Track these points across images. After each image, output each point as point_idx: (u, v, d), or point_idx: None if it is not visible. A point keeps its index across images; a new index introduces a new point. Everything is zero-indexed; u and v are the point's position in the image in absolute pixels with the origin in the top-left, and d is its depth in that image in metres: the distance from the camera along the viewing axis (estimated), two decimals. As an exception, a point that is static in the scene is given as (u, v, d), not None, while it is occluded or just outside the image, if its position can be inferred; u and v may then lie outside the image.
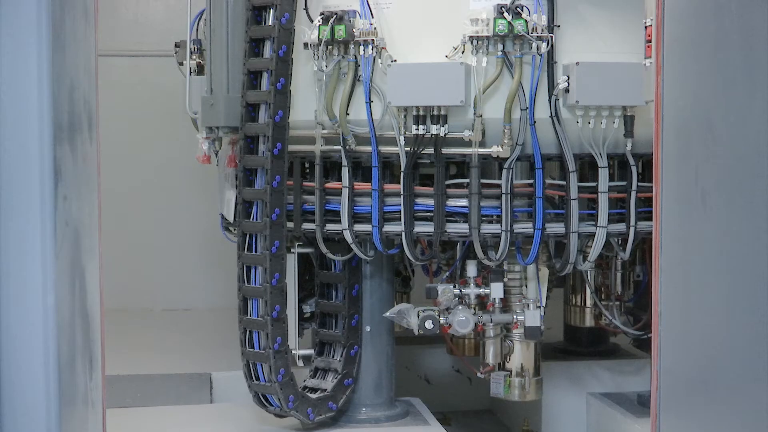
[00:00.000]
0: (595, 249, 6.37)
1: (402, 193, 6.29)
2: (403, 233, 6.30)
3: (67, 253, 3.42)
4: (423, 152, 6.24)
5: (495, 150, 6.13)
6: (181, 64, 7.27)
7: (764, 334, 3.23)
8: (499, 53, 6.09)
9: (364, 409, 6.90)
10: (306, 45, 6.36)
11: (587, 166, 6.53)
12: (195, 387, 7.60)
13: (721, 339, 3.54)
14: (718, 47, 3.45)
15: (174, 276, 10.48)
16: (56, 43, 3.26)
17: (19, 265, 3.22)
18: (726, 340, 3.51)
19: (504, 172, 6.21)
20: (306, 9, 6.43)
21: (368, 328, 6.88)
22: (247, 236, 6.35)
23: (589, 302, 7.72)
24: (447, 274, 6.78)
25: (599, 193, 6.29)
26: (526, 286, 6.68)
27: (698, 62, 3.62)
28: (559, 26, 6.19)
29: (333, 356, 6.86)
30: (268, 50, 6.31)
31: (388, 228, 6.38)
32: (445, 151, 6.23)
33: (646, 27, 5.72)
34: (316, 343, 6.93)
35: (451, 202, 6.32)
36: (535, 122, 6.14)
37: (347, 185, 6.40)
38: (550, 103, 6.17)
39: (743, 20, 3.29)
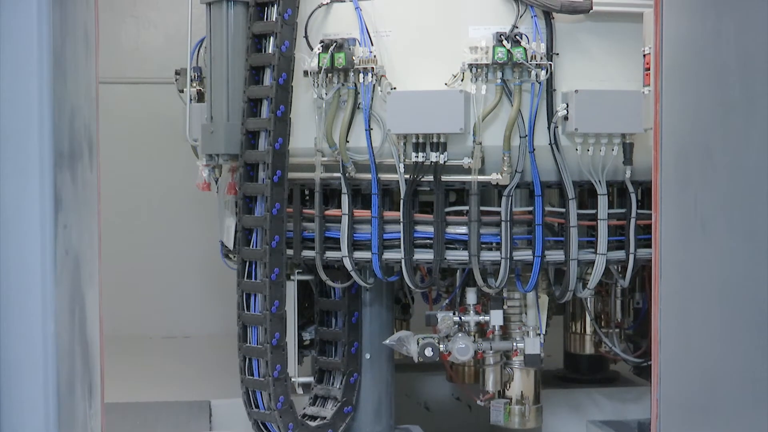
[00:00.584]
0: (595, 276, 6.37)
1: (402, 220, 6.30)
2: (403, 260, 6.31)
3: (67, 282, 3.42)
4: (422, 179, 6.25)
5: (494, 177, 6.14)
6: (182, 91, 7.29)
7: (764, 361, 3.23)
8: (499, 81, 6.11)
9: (363, 437, 6.90)
10: (306, 73, 6.38)
11: (586, 194, 6.54)
12: (194, 414, 7.58)
13: (721, 366, 3.54)
14: (717, 75, 3.46)
15: (173, 303, 10.48)
16: (57, 70, 3.27)
17: (19, 293, 3.22)
18: (726, 367, 3.51)
19: (503, 199, 6.22)
20: (306, 37, 6.45)
21: (368, 356, 6.87)
22: (247, 263, 6.35)
23: (588, 329, 7.71)
24: (447, 301, 6.78)
25: (599, 221, 6.30)
26: (526, 314, 6.67)
27: (697, 90, 3.64)
28: (558, 54, 6.22)
29: (333, 384, 6.85)
30: (268, 78, 6.33)
31: (388, 255, 6.39)
32: (444, 178, 6.24)
33: (644, 55, 5.75)
34: (315, 370, 6.92)
35: (450, 230, 6.33)
36: (534, 149, 6.15)
37: (347, 212, 6.40)
38: (549, 130, 6.18)
39: (741, 48, 3.30)
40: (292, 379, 6.61)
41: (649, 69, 5.70)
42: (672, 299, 3.92)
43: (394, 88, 6.23)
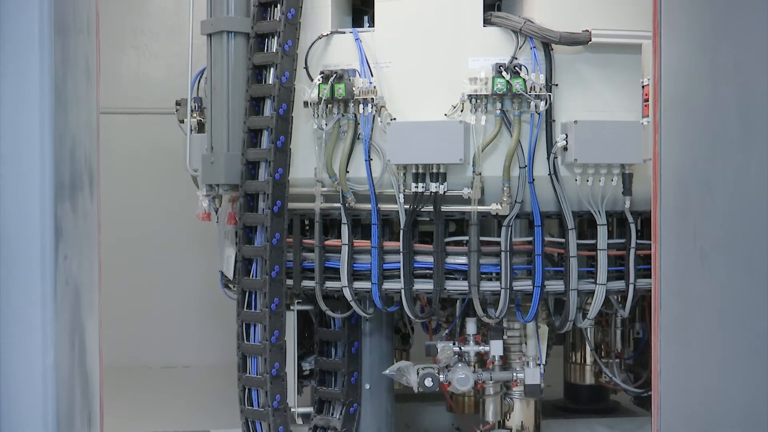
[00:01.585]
0: (595, 306, 6.37)
1: (401, 250, 6.30)
2: (403, 290, 6.31)
3: (67, 312, 3.43)
4: (422, 210, 6.26)
5: (494, 207, 6.15)
6: (182, 121, 7.31)
7: (764, 391, 3.22)
8: (498, 112, 6.13)
9: (363, 468, 6.88)
10: (306, 103, 6.41)
11: (586, 224, 6.54)
12: (194, 445, 7.57)
13: (721, 397, 3.54)
14: (715, 107, 3.47)
15: (173, 333, 10.46)
16: (58, 102, 3.29)
17: (19, 324, 3.22)
18: (726, 397, 3.51)
19: (503, 229, 6.23)
20: (306, 68, 6.48)
21: (368, 386, 6.85)
22: (247, 293, 6.36)
23: (589, 359, 7.69)
24: (446, 331, 6.77)
25: (598, 251, 6.30)
26: (526, 344, 6.66)
27: (695, 122, 3.65)
28: (557, 85, 6.24)
29: (332, 414, 6.83)
30: (268, 108, 6.36)
31: (388, 285, 6.39)
32: (444, 208, 6.25)
33: (643, 86, 5.78)
34: (315, 400, 6.91)
35: (450, 260, 6.33)
36: (533, 180, 6.17)
37: (347, 242, 6.41)
38: (548, 161, 6.20)
39: (739, 80, 3.32)
40: (292, 410, 6.60)
41: (648, 100, 5.73)
42: (672, 329, 3.92)
43: (394, 119, 6.25)
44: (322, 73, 6.35)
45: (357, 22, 6.76)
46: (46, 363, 3.24)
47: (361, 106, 6.27)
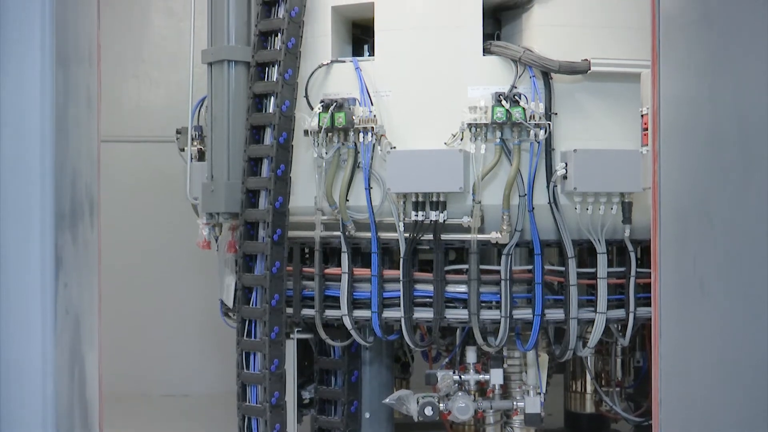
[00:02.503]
0: (595, 335, 6.36)
1: (401, 278, 6.30)
2: (403, 319, 6.30)
3: (66, 341, 3.43)
4: (422, 238, 6.27)
5: (494, 236, 6.16)
6: (183, 150, 7.32)
7: (764, 419, 3.22)
8: (498, 140, 6.15)
9: (363, 497, 6.85)
10: (306, 132, 6.42)
11: (586, 252, 6.55)
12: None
13: (722, 425, 3.53)
14: (714, 136, 3.48)
15: (173, 361, 10.44)
16: (59, 131, 3.30)
17: (19, 352, 3.22)
18: (726, 426, 3.50)
19: (503, 258, 6.23)
20: (306, 97, 6.50)
21: (367, 415, 6.84)
22: (247, 322, 6.35)
23: (589, 388, 7.67)
24: (447, 360, 6.76)
25: (598, 279, 6.30)
26: (526, 373, 6.65)
27: (694, 151, 3.66)
28: (556, 114, 6.26)
29: (332, 443, 6.81)
30: (268, 137, 6.37)
31: (388, 314, 6.38)
32: (444, 237, 6.26)
33: (642, 115, 5.79)
34: (315, 429, 6.89)
35: (450, 288, 6.33)
36: (533, 208, 6.18)
37: (347, 271, 6.41)
38: (548, 189, 6.21)
39: (738, 109, 3.33)
40: (292, 439, 6.57)
41: (647, 129, 5.74)
42: (672, 358, 3.92)
43: (394, 148, 6.26)
44: (322, 101, 6.37)
45: (357, 51, 6.79)
46: (45, 393, 3.24)
47: (361, 134, 6.29)
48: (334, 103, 6.29)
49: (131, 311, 10.18)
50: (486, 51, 6.32)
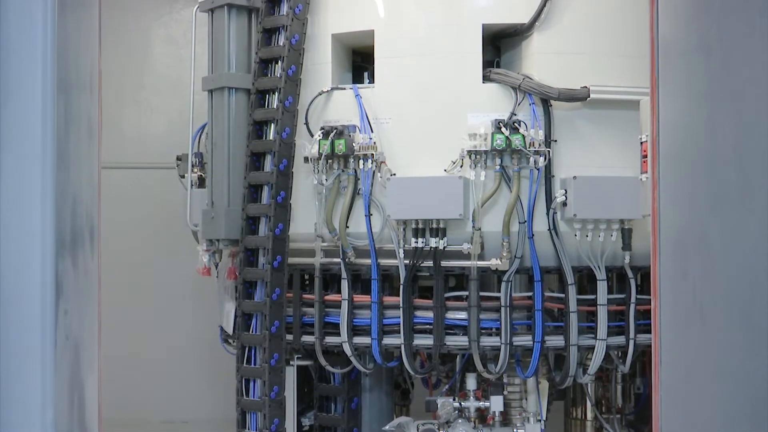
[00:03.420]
0: (595, 361, 6.36)
1: (401, 305, 6.30)
2: (403, 346, 6.30)
3: (66, 368, 3.42)
4: (422, 265, 6.27)
5: (494, 263, 6.16)
6: (183, 176, 7.33)
7: (765, 448, 3.21)
8: (497, 167, 6.16)
9: None
10: (306, 159, 6.44)
11: (586, 279, 6.54)
12: (192, 502, 7.51)
13: (723, 454, 3.52)
14: (713, 163, 3.49)
15: (172, 388, 10.41)
16: (60, 159, 3.30)
17: (18, 379, 3.21)
18: (727, 455, 3.49)
19: (503, 284, 6.23)
20: (306, 123, 6.52)
21: (367, 442, 6.82)
22: (246, 348, 6.35)
23: (589, 415, 7.64)
24: (447, 386, 6.75)
25: (598, 306, 6.30)
26: (526, 399, 6.64)
27: (694, 178, 3.66)
28: (556, 141, 6.27)
29: (332, 470, 6.79)
30: (268, 164, 6.38)
31: (388, 340, 6.38)
32: (444, 263, 6.26)
33: (641, 142, 5.80)
34: (314, 456, 6.88)
35: (450, 315, 6.33)
36: (533, 235, 6.18)
37: (347, 297, 6.41)
38: (548, 216, 6.22)
39: (737, 137, 3.33)
40: (291, 466, 6.56)
41: (646, 156, 5.75)
42: (673, 385, 3.91)
43: (394, 174, 6.28)
44: (322, 128, 6.39)
45: (357, 79, 6.81)
46: (45, 420, 3.23)
47: (361, 161, 6.30)
48: (335, 130, 6.31)
49: (131, 337, 10.16)
50: (486, 78, 6.34)
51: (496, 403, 6.51)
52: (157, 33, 10.55)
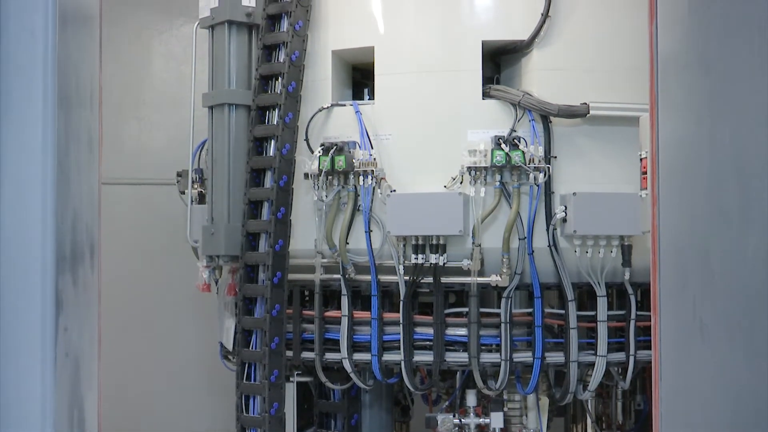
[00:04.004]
0: (595, 378, 6.35)
1: (401, 321, 6.29)
2: (403, 362, 6.29)
3: (66, 384, 3.42)
4: (422, 281, 6.27)
5: (494, 279, 6.16)
6: (183, 192, 7.33)
7: (766, 466, 3.20)
8: (497, 183, 6.16)
9: None
10: (306, 175, 6.44)
11: (586, 295, 6.54)
12: None
13: (723, 471, 3.51)
14: (713, 180, 3.49)
15: (172, 404, 10.38)
16: (61, 174, 3.30)
17: (18, 396, 3.21)
18: (728, 472, 3.48)
19: (503, 300, 6.23)
20: (307, 140, 6.53)
21: (367, 458, 6.81)
22: (246, 365, 6.34)
23: (590, 431, 7.63)
24: (447, 403, 6.74)
25: (598, 322, 6.29)
26: (527, 416, 6.62)
27: (693, 194, 3.66)
28: (555, 157, 6.28)
29: (332, 487, 6.78)
30: (269, 180, 6.39)
31: (388, 357, 6.37)
32: (444, 280, 6.26)
33: (641, 159, 5.80)
34: (314, 473, 6.86)
35: (450, 331, 6.33)
36: (533, 251, 6.18)
37: (347, 314, 6.41)
38: (548, 232, 6.22)
39: (736, 153, 3.33)
40: (291, 483, 6.54)
41: (645, 173, 5.75)
42: (673, 401, 3.90)
43: (394, 191, 6.28)
44: (322, 145, 6.40)
45: (357, 95, 6.82)
46: (45, 435, 3.23)
47: (361, 177, 6.31)
48: (335, 147, 6.32)
49: (130, 354, 10.14)
50: (485, 95, 6.35)
51: (496, 420, 6.50)
52: (157, 49, 10.56)
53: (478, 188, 6.16)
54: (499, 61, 6.75)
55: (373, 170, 6.28)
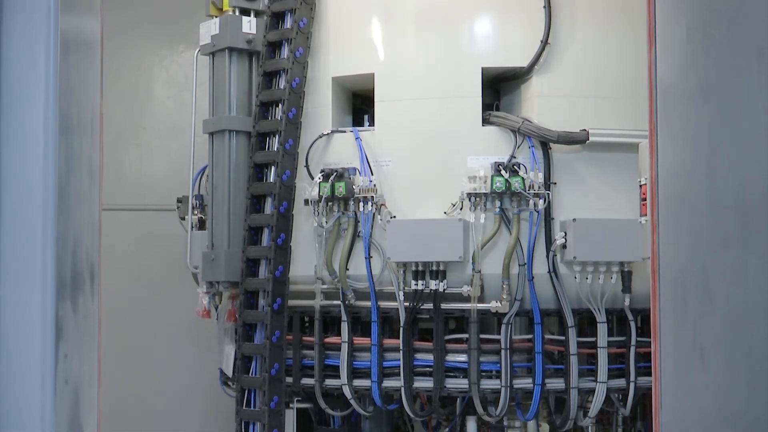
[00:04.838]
0: (596, 404, 6.34)
1: (401, 348, 6.29)
2: (403, 388, 6.28)
3: (66, 412, 3.41)
4: (422, 307, 6.26)
5: (494, 305, 6.15)
6: (183, 218, 7.34)
7: (766, 493, 3.19)
8: (497, 210, 6.17)
9: None
10: (306, 201, 6.45)
11: (586, 321, 6.53)
12: None
13: (724, 498, 3.50)
14: (712, 206, 3.49)
15: (172, 430, 10.36)
16: (61, 201, 3.31)
17: (18, 424, 3.20)
18: (729, 499, 3.47)
19: (503, 327, 6.22)
20: (307, 166, 6.54)
21: (367, 486, 6.79)
22: (246, 391, 6.32)
23: (591, 458, 7.61)
24: (447, 429, 6.72)
25: (598, 348, 6.29)
26: (527, 443, 6.61)
27: (693, 221, 3.67)
28: (555, 183, 6.29)
29: None
30: (269, 206, 6.40)
31: (388, 383, 6.36)
32: (444, 306, 6.26)
33: (641, 185, 5.81)
34: (314, 500, 6.83)
35: (450, 357, 6.32)
36: (533, 278, 6.18)
37: (347, 340, 6.40)
38: (548, 258, 6.22)
39: (736, 180, 3.34)
40: None
41: (645, 199, 5.75)
42: (674, 428, 3.90)
43: (394, 217, 6.29)
44: (322, 171, 6.41)
45: (357, 122, 6.84)
46: (44, 463, 3.22)
47: (361, 204, 6.31)
48: (335, 173, 6.33)
49: (130, 380, 10.13)
50: (485, 121, 6.37)
51: (496, 446, 6.49)
52: (158, 75, 10.59)
53: (478, 214, 6.17)
54: (499, 88, 6.77)
55: (373, 196, 6.29)
